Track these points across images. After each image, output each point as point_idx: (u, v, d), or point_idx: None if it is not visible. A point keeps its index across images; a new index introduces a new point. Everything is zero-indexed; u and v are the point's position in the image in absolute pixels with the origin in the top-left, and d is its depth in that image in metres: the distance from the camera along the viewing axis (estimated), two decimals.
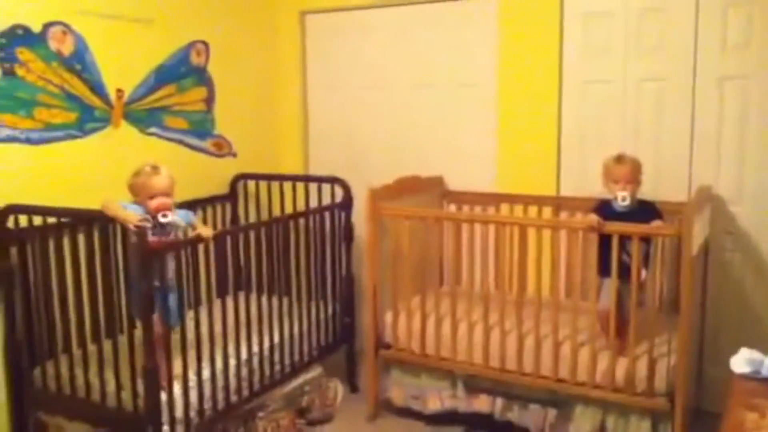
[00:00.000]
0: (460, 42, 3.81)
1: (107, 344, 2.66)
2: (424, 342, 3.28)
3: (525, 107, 3.63)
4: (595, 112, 3.49)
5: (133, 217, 2.44)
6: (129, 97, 3.28)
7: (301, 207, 3.84)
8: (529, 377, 3.05)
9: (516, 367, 3.07)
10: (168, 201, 2.60)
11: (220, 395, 2.84)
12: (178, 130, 3.59)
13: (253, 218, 3.98)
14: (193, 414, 2.70)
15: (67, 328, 2.76)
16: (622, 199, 2.89)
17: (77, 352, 2.73)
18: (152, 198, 2.57)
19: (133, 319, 2.62)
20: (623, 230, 2.80)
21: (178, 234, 2.68)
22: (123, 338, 2.66)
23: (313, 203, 3.80)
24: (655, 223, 2.82)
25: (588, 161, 3.43)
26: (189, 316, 2.73)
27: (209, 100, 3.79)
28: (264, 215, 3.96)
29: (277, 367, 3.20)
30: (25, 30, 2.82)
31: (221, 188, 3.87)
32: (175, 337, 2.66)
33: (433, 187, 3.80)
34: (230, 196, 3.92)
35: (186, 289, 2.72)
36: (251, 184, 4.00)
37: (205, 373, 2.78)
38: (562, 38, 3.51)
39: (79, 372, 2.71)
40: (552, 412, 3.05)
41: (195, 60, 3.67)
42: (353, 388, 3.76)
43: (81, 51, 3.04)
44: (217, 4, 3.80)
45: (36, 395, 2.83)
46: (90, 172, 3.08)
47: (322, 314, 3.58)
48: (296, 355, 3.34)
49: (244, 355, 2.99)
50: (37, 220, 2.73)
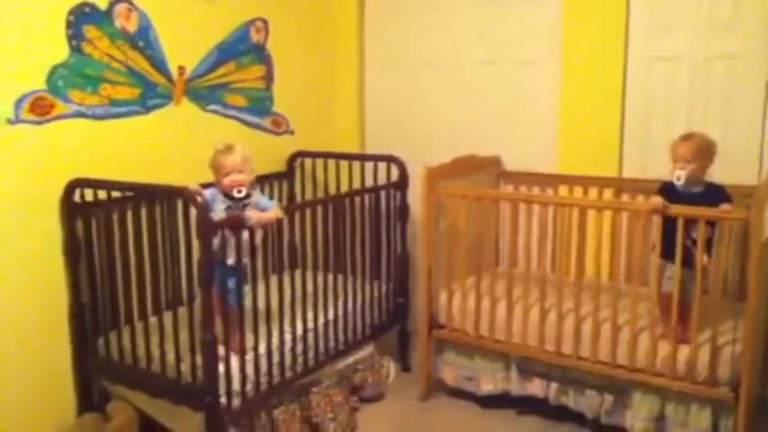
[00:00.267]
0: (522, 18, 3.72)
1: (167, 316, 2.73)
2: (478, 323, 3.26)
3: (588, 85, 3.52)
4: (662, 91, 3.37)
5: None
6: (190, 74, 3.32)
7: (357, 185, 3.84)
8: (586, 362, 2.99)
9: (572, 351, 3.02)
10: (240, 177, 2.68)
11: (275, 370, 2.88)
12: (237, 107, 3.62)
13: (309, 196, 4.00)
14: (249, 387, 2.75)
15: (129, 300, 2.84)
16: (677, 178, 2.79)
17: (139, 324, 2.80)
18: (226, 176, 2.66)
19: (192, 293, 2.68)
20: (688, 213, 2.70)
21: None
22: (183, 310, 2.72)
23: (369, 182, 3.80)
24: (724, 206, 2.71)
25: (653, 142, 3.31)
26: (246, 291, 2.76)
27: (268, 78, 3.81)
28: (320, 193, 3.98)
29: (331, 344, 3.23)
30: (92, 8, 2.87)
31: (279, 166, 3.90)
32: (233, 311, 2.71)
33: (489, 167, 3.74)
34: (287, 174, 3.95)
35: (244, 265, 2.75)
36: (308, 162, 4.02)
37: (262, 347, 2.82)
38: (629, 13, 3.39)
39: (140, 342, 2.78)
40: (609, 398, 2.99)
41: (254, 37, 3.69)
42: (405, 367, 3.77)
43: (145, 28, 3.08)
44: None
45: (99, 364, 2.93)
46: (152, 148, 3.15)
47: (376, 293, 3.59)
48: (350, 333, 3.36)
49: (299, 331, 3.03)
50: (102, 194, 2.80)
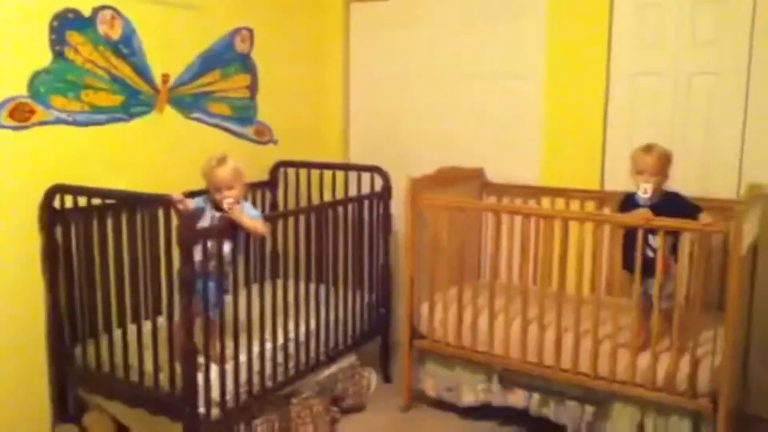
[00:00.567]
0: (507, 33, 3.75)
1: (146, 325, 2.70)
2: (460, 334, 3.26)
3: (572, 99, 3.56)
4: (644, 106, 3.41)
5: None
6: (174, 82, 3.31)
7: (340, 195, 3.84)
8: (567, 373, 3.00)
9: (554, 362, 3.03)
10: (231, 193, 2.69)
11: (255, 379, 2.86)
12: (221, 116, 3.62)
13: (292, 205, 3.99)
14: (228, 397, 2.72)
15: (108, 308, 2.81)
16: (643, 191, 2.81)
17: (117, 332, 2.77)
18: (218, 191, 2.68)
19: (172, 302, 2.65)
20: (672, 225, 2.72)
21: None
22: (162, 320, 2.70)
23: (353, 192, 3.80)
24: (704, 218, 2.74)
25: None
26: (227, 301, 2.75)
27: (252, 87, 3.81)
28: (303, 202, 3.97)
29: (312, 354, 3.21)
30: (76, 13, 2.86)
31: (262, 175, 3.89)
32: (213, 321, 2.69)
33: (473, 179, 3.76)
34: (271, 183, 3.94)
35: (225, 275, 2.74)
36: (291, 171, 4.01)
37: (242, 357, 2.80)
38: (611, 29, 3.44)
39: (118, 352, 2.75)
40: (589, 409, 3.00)
41: (240, 47, 3.69)
42: (387, 378, 3.76)
43: (129, 35, 3.07)
44: None
45: (77, 373, 2.89)
46: (134, 156, 3.13)
47: (358, 303, 3.58)
48: (331, 343, 3.35)
49: (280, 340, 3.01)
50: (82, 201, 2.78)
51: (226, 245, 2.68)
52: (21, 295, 2.76)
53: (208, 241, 2.62)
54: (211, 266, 2.65)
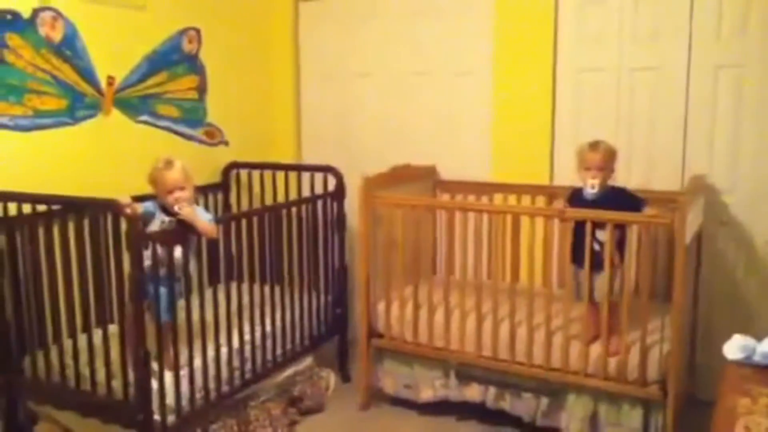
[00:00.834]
0: (455, 30, 3.79)
1: (97, 333, 2.64)
2: (416, 331, 3.28)
3: (519, 96, 3.61)
4: (589, 101, 3.49)
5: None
6: (120, 84, 3.25)
7: (293, 196, 3.82)
8: (522, 366, 3.04)
9: (508, 356, 3.07)
10: (184, 194, 2.65)
11: (211, 384, 2.83)
12: (169, 118, 3.56)
13: (245, 207, 3.95)
14: (184, 403, 2.69)
15: (56, 316, 2.74)
16: (591, 186, 2.87)
17: (67, 342, 2.70)
18: (170, 192, 2.63)
19: (123, 308, 2.60)
20: (618, 219, 2.79)
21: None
22: (114, 327, 2.64)
23: (306, 192, 3.78)
24: (649, 210, 2.81)
25: None
26: (180, 305, 2.71)
27: (201, 88, 3.76)
28: (256, 204, 3.94)
29: (269, 357, 3.19)
30: (15, 15, 2.78)
31: (213, 177, 3.85)
32: (166, 326, 2.64)
33: (426, 177, 3.78)
34: (222, 185, 3.90)
35: (177, 279, 2.70)
36: (243, 172, 3.98)
37: (197, 362, 2.76)
38: (557, 26, 3.50)
39: (69, 361, 2.69)
40: (544, 400, 3.05)
41: (187, 47, 3.64)
42: (345, 378, 3.76)
43: (71, 37, 3.00)
44: None
45: (26, 384, 2.81)
46: (81, 160, 3.06)
47: (314, 304, 3.57)
48: (288, 345, 3.33)
49: (235, 344, 2.98)
50: (27, 208, 2.70)
51: (177, 250, 2.64)
52: None
53: (159, 247, 2.58)
54: (161, 271, 2.61)
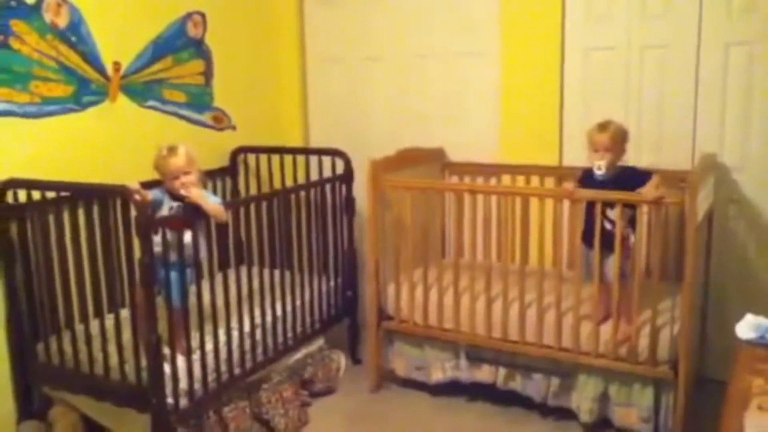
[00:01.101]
0: (463, 10, 3.75)
1: (109, 318, 2.66)
2: (426, 313, 3.28)
3: (527, 76, 3.58)
4: (598, 80, 3.45)
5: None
6: (126, 70, 3.24)
7: (302, 180, 3.82)
8: (532, 347, 3.05)
9: (519, 337, 3.07)
10: (189, 179, 2.65)
11: (223, 367, 2.84)
12: (176, 103, 3.55)
13: (253, 191, 3.96)
14: (197, 386, 2.70)
15: (69, 303, 2.75)
16: (597, 168, 2.85)
17: (80, 327, 2.72)
18: (176, 178, 2.63)
19: (134, 294, 2.62)
20: (629, 199, 2.77)
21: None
22: (126, 312, 2.66)
23: (314, 176, 3.78)
24: (655, 180, 2.78)
25: None
26: (191, 290, 2.72)
27: (207, 73, 3.74)
28: (265, 188, 3.94)
29: (280, 340, 3.21)
30: (19, 1, 2.76)
31: (221, 161, 3.84)
32: (177, 311, 2.65)
33: (434, 159, 3.77)
34: (230, 170, 3.89)
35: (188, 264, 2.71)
36: (251, 157, 3.97)
37: (209, 345, 2.78)
38: (564, 4, 3.45)
39: (82, 346, 2.70)
40: (555, 381, 3.06)
41: (192, 32, 3.62)
42: (356, 360, 3.77)
43: (76, 23, 2.99)
44: None
45: (40, 370, 2.83)
46: (89, 146, 3.06)
47: (324, 287, 3.57)
48: (299, 328, 3.34)
49: (246, 327, 2.99)
50: (36, 195, 2.71)
51: (186, 235, 2.65)
52: None
53: (168, 232, 2.59)
54: (172, 256, 2.61)
